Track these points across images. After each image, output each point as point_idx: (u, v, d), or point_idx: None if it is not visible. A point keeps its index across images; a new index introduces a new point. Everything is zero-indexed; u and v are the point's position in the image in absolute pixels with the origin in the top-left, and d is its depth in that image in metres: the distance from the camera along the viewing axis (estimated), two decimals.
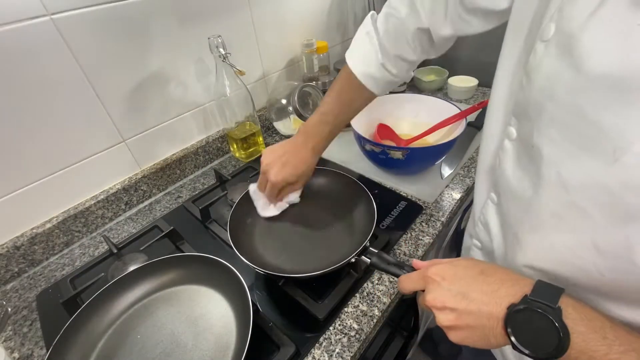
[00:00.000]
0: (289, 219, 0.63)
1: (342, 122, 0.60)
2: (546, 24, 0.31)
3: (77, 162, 0.67)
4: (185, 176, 0.86)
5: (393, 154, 0.67)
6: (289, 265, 0.55)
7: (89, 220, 0.71)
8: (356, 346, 0.48)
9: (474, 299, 0.31)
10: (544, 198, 0.33)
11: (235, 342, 0.47)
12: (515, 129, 0.37)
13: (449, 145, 0.67)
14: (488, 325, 0.31)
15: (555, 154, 0.31)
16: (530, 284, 0.30)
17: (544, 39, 0.31)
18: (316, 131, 0.58)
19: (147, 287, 0.54)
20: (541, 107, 0.31)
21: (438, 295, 0.33)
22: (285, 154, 0.58)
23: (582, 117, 0.28)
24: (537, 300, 0.28)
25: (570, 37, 0.27)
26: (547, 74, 0.31)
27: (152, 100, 0.74)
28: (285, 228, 0.62)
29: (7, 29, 0.52)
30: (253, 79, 0.92)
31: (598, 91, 0.26)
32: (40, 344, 0.54)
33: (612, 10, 0.25)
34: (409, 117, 0.83)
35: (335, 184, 0.66)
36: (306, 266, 0.54)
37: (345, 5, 1.09)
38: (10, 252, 0.62)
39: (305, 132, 0.59)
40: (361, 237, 0.55)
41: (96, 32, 0.61)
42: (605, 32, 0.25)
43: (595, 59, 0.26)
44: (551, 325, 0.27)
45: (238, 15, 0.81)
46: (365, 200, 0.60)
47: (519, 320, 0.29)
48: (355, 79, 0.56)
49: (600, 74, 0.26)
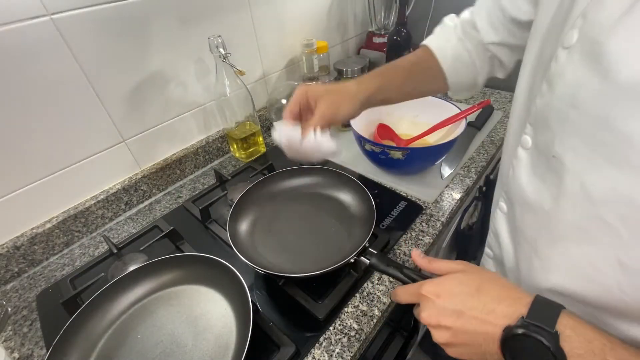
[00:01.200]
0: (289, 219, 0.63)
1: (388, 91, 0.53)
2: (568, 30, 0.30)
3: (77, 162, 0.67)
4: (185, 176, 0.86)
5: (393, 154, 0.67)
6: (288, 265, 0.55)
7: (89, 220, 0.71)
8: (356, 346, 0.48)
9: (470, 318, 0.30)
10: (566, 210, 0.32)
11: (235, 342, 0.47)
12: (530, 137, 0.36)
13: (449, 145, 0.67)
14: (484, 344, 0.30)
15: (578, 164, 0.30)
16: (527, 303, 0.29)
17: (565, 45, 0.30)
18: (367, 81, 0.52)
19: (147, 287, 0.54)
20: (564, 116, 0.30)
21: (433, 313, 0.32)
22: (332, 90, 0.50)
23: (609, 127, 0.26)
24: (534, 324, 0.27)
25: (596, 43, 0.27)
26: (570, 82, 0.30)
27: (152, 100, 0.74)
28: (285, 228, 0.62)
29: (7, 28, 0.52)
30: (253, 79, 0.92)
31: (627, 100, 0.25)
32: (40, 344, 0.54)
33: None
34: (408, 117, 0.83)
35: (334, 184, 0.66)
36: (306, 266, 0.54)
37: (345, 5, 1.09)
38: (10, 252, 0.62)
39: (357, 81, 0.52)
40: (360, 238, 0.55)
41: (96, 32, 0.61)
42: (636, 37, 0.24)
43: (624, 66, 0.25)
44: (547, 352, 0.26)
45: (238, 15, 0.81)
46: (365, 201, 0.60)
47: (515, 344, 0.28)
48: (424, 52, 0.55)
49: (630, 82, 0.25)
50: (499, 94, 1.03)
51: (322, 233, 0.60)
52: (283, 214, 0.63)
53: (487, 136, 0.87)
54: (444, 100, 0.77)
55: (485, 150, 0.82)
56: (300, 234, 0.61)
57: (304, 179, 0.68)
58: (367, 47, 1.16)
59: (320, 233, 0.61)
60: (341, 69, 1.01)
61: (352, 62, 1.04)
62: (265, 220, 0.63)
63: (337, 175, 0.66)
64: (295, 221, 0.63)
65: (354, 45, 1.20)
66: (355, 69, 1.01)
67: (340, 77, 1.04)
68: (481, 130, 0.88)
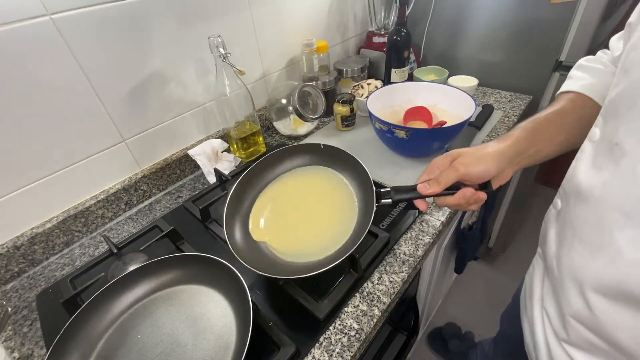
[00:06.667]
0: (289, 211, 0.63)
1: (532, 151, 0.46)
2: None
3: (77, 162, 0.67)
4: (185, 176, 0.86)
5: (398, 132, 0.70)
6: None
7: (89, 220, 0.71)
8: (356, 346, 0.48)
9: None
10: (613, 193, 0.32)
11: (235, 342, 0.47)
12: (599, 129, 0.36)
13: (452, 129, 0.69)
14: None
15: (637, 149, 0.30)
16: None
17: None
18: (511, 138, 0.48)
19: (147, 287, 0.54)
20: (633, 102, 0.31)
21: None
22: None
23: None
24: None
25: None
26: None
27: (152, 100, 0.74)
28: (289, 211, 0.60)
29: (6, 28, 0.52)
30: (253, 79, 0.92)
31: None
32: (40, 344, 0.54)
33: None
34: (427, 105, 0.84)
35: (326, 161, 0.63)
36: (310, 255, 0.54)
37: (345, 5, 1.09)
38: (10, 252, 0.62)
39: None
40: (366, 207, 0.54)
41: (96, 32, 0.61)
42: None
43: None
44: None
45: (238, 15, 0.81)
46: (360, 172, 0.57)
47: None
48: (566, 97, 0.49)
49: None
50: (498, 94, 1.03)
51: (321, 220, 0.58)
52: (280, 208, 0.61)
53: (487, 136, 0.87)
54: (461, 91, 0.80)
55: None
56: (300, 224, 0.59)
57: (295, 161, 0.65)
58: (367, 46, 1.16)
59: (319, 221, 0.58)
60: (341, 68, 1.02)
61: (352, 62, 1.04)
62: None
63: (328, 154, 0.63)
64: (295, 212, 0.60)
65: (354, 45, 1.20)
66: (355, 69, 1.01)
67: (340, 77, 1.04)
68: (481, 130, 0.88)
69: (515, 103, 0.99)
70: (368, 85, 0.97)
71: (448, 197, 0.45)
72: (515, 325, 0.58)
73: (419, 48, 1.15)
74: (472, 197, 0.44)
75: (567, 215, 0.40)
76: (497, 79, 1.06)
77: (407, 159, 0.81)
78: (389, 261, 0.59)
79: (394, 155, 0.83)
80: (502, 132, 0.88)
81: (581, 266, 0.37)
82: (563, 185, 0.43)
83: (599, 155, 0.35)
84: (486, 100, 1.02)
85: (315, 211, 0.59)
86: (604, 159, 0.34)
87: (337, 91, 1.03)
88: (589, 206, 0.35)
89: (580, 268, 0.37)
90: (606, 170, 0.33)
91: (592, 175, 0.36)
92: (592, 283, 0.35)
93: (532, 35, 0.94)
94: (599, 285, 0.35)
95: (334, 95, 0.99)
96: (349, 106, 0.89)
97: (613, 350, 0.36)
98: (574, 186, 0.39)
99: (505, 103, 0.99)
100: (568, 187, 0.41)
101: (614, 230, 0.32)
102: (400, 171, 0.78)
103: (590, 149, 0.37)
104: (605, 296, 0.34)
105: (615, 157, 0.32)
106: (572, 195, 0.39)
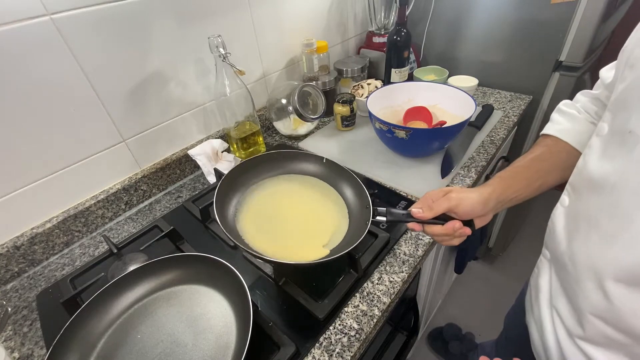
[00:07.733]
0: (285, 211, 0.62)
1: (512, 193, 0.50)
2: None
3: (77, 162, 0.67)
4: (185, 176, 0.86)
5: (398, 132, 0.70)
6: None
7: (89, 220, 0.71)
8: (356, 346, 0.48)
9: None
10: (630, 178, 0.33)
11: (235, 342, 0.47)
12: (607, 123, 0.38)
13: (452, 129, 0.69)
14: None
15: None
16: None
17: None
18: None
19: (147, 287, 0.54)
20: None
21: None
22: None
23: None
24: None
25: None
26: None
27: (152, 100, 0.74)
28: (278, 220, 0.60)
29: (6, 28, 0.52)
30: (253, 79, 0.92)
31: None
32: (40, 344, 0.54)
33: None
34: (427, 105, 0.84)
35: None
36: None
37: (345, 5, 1.09)
38: (10, 252, 0.62)
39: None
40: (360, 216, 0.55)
41: (96, 32, 0.61)
42: None
43: None
44: None
45: (238, 15, 0.81)
46: (352, 182, 0.60)
47: None
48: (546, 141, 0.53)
49: None
50: (498, 94, 1.03)
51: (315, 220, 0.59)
52: (278, 206, 0.61)
53: (487, 136, 0.87)
54: (462, 91, 0.80)
55: (485, 150, 0.82)
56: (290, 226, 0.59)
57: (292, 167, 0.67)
58: (367, 46, 1.16)
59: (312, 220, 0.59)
60: (341, 68, 1.02)
61: (352, 62, 1.04)
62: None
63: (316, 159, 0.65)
64: (288, 214, 0.61)
65: (354, 45, 1.20)
66: (355, 69, 1.01)
67: (340, 77, 1.04)
68: (481, 130, 0.88)
69: (515, 103, 0.99)
70: (368, 85, 0.97)
71: (437, 226, 0.48)
72: (519, 327, 0.58)
73: (419, 48, 1.15)
74: (459, 229, 0.47)
75: (580, 209, 0.41)
76: (497, 79, 1.06)
77: (407, 159, 0.81)
78: (389, 261, 0.59)
79: (394, 155, 0.83)
80: (502, 132, 0.88)
81: (599, 256, 0.37)
82: (571, 182, 0.44)
83: (610, 146, 0.37)
84: (486, 100, 1.02)
85: (304, 220, 0.59)
86: (616, 148, 0.35)
87: (337, 91, 1.03)
88: (604, 194, 0.36)
89: (597, 258, 0.37)
90: (619, 158, 0.35)
91: (604, 164, 0.37)
92: (610, 271, 0.36)
93: (532, 35, 0.94)
94: (619, 272, 0.35)
95: (334, 95, 0.99)
96: (349, 106, 0.89)
97: (632, 342, 0.36)
98: (585, 179, 0.40)
99: (505, 103, 0.99)
100: (578, 182, 0.41)
101: (633, 213, 0.33)
102: (400, 171, 0.78)
103: (599, 143, 0.38)
104: (625, 283, 0.35)
105: (629, 144, 0.33)
106: (585, 187, 0.40)
